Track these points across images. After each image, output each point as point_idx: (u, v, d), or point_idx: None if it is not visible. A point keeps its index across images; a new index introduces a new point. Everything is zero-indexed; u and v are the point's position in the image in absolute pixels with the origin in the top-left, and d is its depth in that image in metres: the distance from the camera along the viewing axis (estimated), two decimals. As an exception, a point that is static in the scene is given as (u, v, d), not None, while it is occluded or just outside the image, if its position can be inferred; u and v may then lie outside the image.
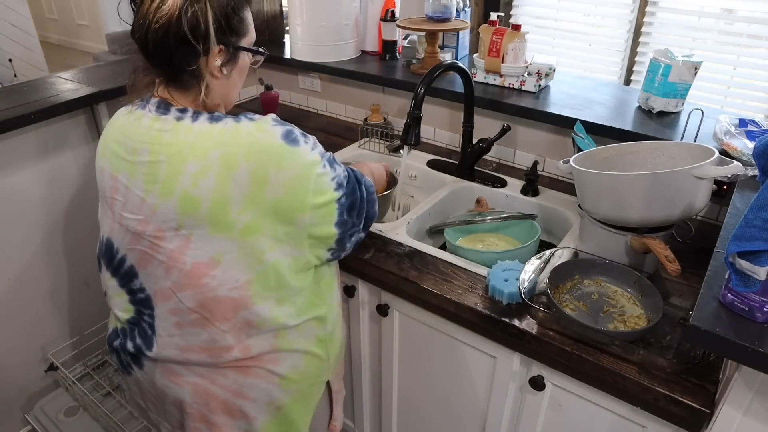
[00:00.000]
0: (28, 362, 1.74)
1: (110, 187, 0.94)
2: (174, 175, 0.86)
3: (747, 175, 1.09)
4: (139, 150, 0.89)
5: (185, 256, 0.89)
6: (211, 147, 0.86)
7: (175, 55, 0.85)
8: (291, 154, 0.88)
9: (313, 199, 0.90)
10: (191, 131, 0.87)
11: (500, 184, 1.54)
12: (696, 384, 0.91)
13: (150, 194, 0.89)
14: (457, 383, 1.27)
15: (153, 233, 0.90)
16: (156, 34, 0.84)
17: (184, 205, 0.86)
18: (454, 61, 1.41)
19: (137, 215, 0.91)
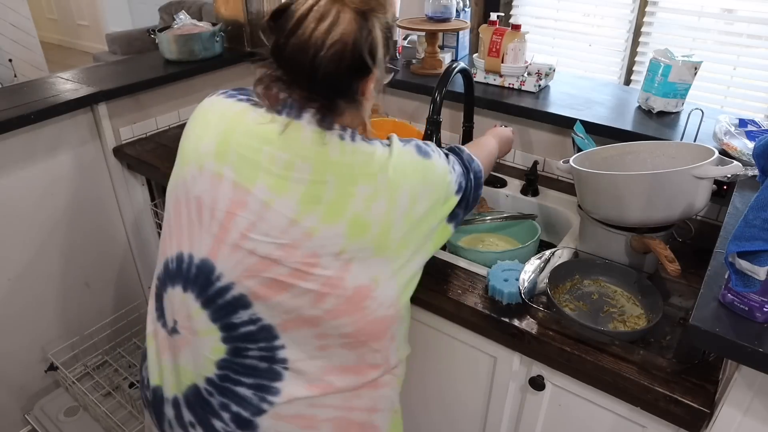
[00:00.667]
0: (28, 362, 1.74)
1: (231, 199, 0.79)
2: (344, 197, 0.78)
3: (747, 175, 1.09)
4: (298, 166, 0.78)
5: (345, 282, 0.80)
6: (378, 170, 0.80)
7: (345, 81, 0.79)
8: (431, 166, 0.86)
9: (443, 211, 0.89)
10: (356, 152, 0.80)
11: (500, 184, 1.54)
12: (696, 384, 0.91)
13: (307, 216, 0.77)
14: (457, 383, 1.27)
15: (301, 259, 0.78)
16: (329, 61, 0.75)
17: (353, 228, 0.78)
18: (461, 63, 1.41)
19: (278, 239, 0.78)
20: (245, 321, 0.82)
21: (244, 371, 0.84)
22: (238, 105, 0.83)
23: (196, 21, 1.95)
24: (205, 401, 0.85)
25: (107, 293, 1.87)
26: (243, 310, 0.81)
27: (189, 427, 0.87)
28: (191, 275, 0.83)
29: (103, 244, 1.78)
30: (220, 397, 0.84)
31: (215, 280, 0.81)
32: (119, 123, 1.71)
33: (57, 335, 1.79)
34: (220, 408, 0.84)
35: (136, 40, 4.37)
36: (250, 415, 0.84)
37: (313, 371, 0.85)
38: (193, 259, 0.83)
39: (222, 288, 0.81)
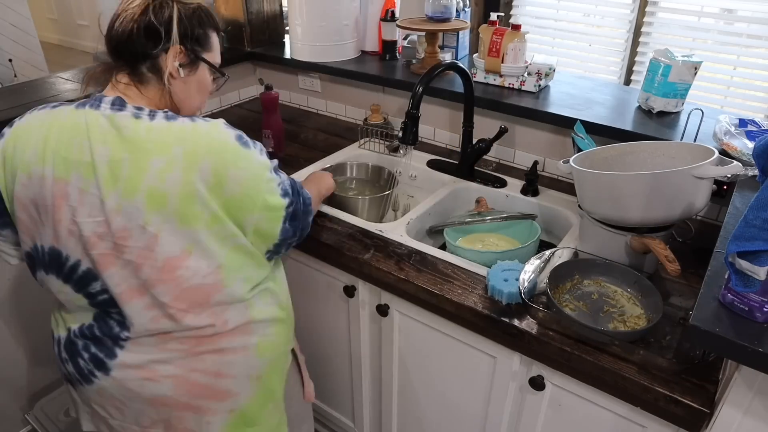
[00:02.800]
0: (28, 362, 1.74)
1: (54, 193, 0.90)
2: (138, 172, 0.87)
3: (747, 175, 1.09)
4: (98, 150, 0.87)
5: (155, 253, 0.90)
6: (173, 143, 0.88)
7: (137, 42, 0.91)
8: (245, 154, 0.93)
9: (263, 200, 0.96)
10: (151, 129, 0.89)
11: (500, 184, 1.54)
12: (696, 384, 0.91)
13: (111, 194, 0.87)
14: (457, 383, 1.27)
15: (116, 233, 0.89)
16: (123, 21, 0.91)
17: (150, 201, 0.87)
18: (453, 61, 1.41)
19: (96, 217, 0.89)
20: (99, 291, 0.94)
21: (105, 329, 0.97)
22: (52, 112, 0.94)
23: (196, 21, 1.94)
24: (72, 341, 1.00)
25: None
26: (94, 281, 0.94)
27: (64, 362, 1.03)
28: (46, 261, 0.96)
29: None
30: (83, 340, 0.99)
31: (65, 260, 0.94)
32: (119, 123, 1.70)
33: (57, 335, 1.79)
34: (82, 348, 0.99)
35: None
36: (105, 357, 0.98)
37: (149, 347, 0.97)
38: (44, 248, 0.95)
39: (72, 265, 0.94)
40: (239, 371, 1.03)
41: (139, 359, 0.97)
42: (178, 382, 0.99)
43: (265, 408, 1.12)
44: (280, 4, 2.12)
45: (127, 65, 0.94)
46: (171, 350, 0.97)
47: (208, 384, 1.01)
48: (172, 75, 0.94)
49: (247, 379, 1.05)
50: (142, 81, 0.94)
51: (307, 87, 2.06)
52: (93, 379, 0.99)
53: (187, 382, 0.99)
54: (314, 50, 1.89)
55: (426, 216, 1.45)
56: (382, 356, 1.39)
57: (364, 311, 1.36)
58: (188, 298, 0.94)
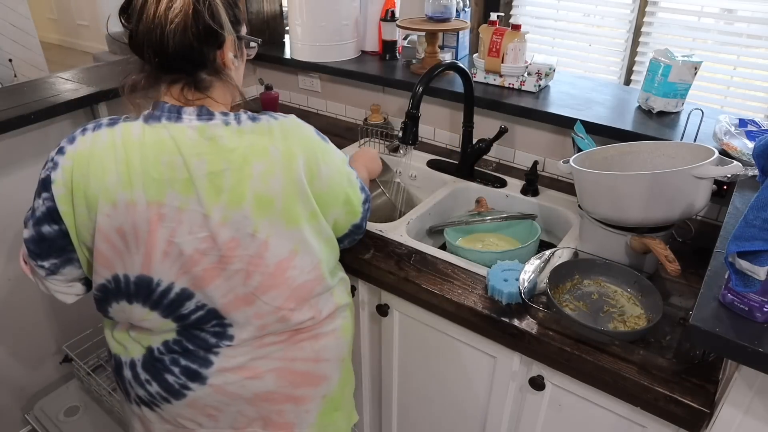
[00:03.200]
0: (27, 362, 1.74)
1: (149, 218, 0.83)
2: (242, 180, 0.84)
3: (747, 175, 1.09)
4: (195, 164, 0.83)
5: (265, 259, 0.88)
6: (269, 144, 0.86)
7: (197, 50, 0.83)
8: (328, 149, 0.95)
9: (347, 195, 0.98)
10: (243, 133, 0.85)
11: (500, 184, 1.54)
12: (696, 384, 0.91)
13: (215, 208, 0.84)
14: (457, 383, 1.27)
15: (223, 246, 0.85)
16: (175, 33, 0.80)
17: (258, 207, 0.85)
18: (453, 61, 1.41)
19: (197, 234, 0.84)
20: (193, 309, 0.90)
21: (196, 341, 0.94)
22: (115, 131, 0.85)
23: (196, 21, 1.94)
24: (157, 359, 0.95)
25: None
26: (188, 301, 0.90)
27: (145, 384, 0.96)
28: (131, 291, 0.90)
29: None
30: (170, 355, 0.94)
31: (155, 287, 0.89)
32: (119, 123, 1.71)
33: (56, 335, 1.79)
34: (171, 363, 0.94)
35: None
36: (199, 367, 0.94)
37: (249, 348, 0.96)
38: (129, 278, 0.89)
39: (164, 291, 0.89)
40: (332, 354, 1.06)
41: (239, 361, 0.95)
42: (280, 374, 0.99)
43: (346, 390, 1.15)
44: (280, 4, 2.12)
45: (186, 75, 0.85)
46: (270, 344, 0.97)
47: (309, 371, 1.02)
48: (230, 68, 0.89)
49: (338, 361, 1.08)
50: (208, 87, 0.87)
51: (307, 87, 2.06)
52: (186, 392, 0.94)
53: (291, 372, 1.00)
54: (314, 50, 1.89)
55: (426, 216, 1.45)
56: (382, 356, 1.39)
57: (364, 311, 1.36)
58: (296, 297, 0.95)
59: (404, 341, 1.32)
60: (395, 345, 1.34)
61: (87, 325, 1.85)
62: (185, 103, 0.86)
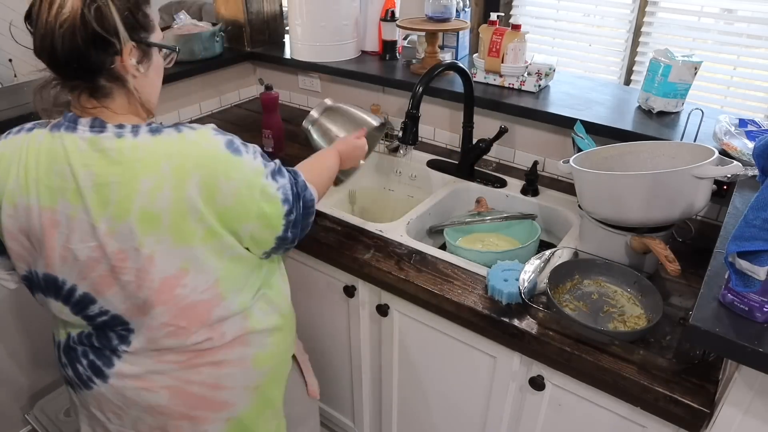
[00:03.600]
0: (27, 362, 1.74)
1: (43, 224, 0.86)
2: (128, 194, 0.83)
3: (747, 175, 1.09)
4: (83, 175, 0.83)
5: (150, 274, 0.87)
6: (160, 159, 0.84)
7: (88, 56, 0.81)
8: (236, 162, 0.88)
9: (260, 208, 0.91)
10: (137, 146, 0.84)
11: (500, 184, 1.54)
12: (696, 384, 0.91)
13: (102, 218, 0.84)
14: (457, 383, 1.27)
15: (112, 256, 0.86)
16: (63, 39, 0.79)
17: (143, 223, 0.84)
18: (453, 61, 1.41)
19: (88, 243, 0.86)
20: (98, 313, 0.92)
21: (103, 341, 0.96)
22: (26, 137, 0.88)
23: (196, 21, 1.95)
24: (71, 347, 0.99)
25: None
26: (92, 304, 0.91)
27: (64, 367, 1.02)
28: (42, 285, 0.93)
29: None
30: (81, 347, 0.98)
31: (62, 284, 0.91)
32: (119, 123, 1.70)
33: (57, 335, 1.79)
34: (81, 354, 0.98)
35: None
36: (102, 365, 0.96)
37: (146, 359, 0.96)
38: (38, 274, 0.92)
39: (69, 289, 0.91)
40: (236, 383, 1.02)
41: (136, 370, 0.96)
42: (174, 393, 0.98)
43: (263, 415, 1.10)
44: (280, 4, 2.12)
45: (84, 82, 0.85)
46: (168, 362, 0.96)
47: (205, 396, 1.00)
48: (134, 75, 0.87)
49: (244, 390, 1.04)
50: (107, 95, 0.86)
51: (307, 87, 2.06)
52: (91, 384, 0.98)
53: (184, 392, 0.98)
54: (314, 50, 1.89)
55: (426, 216, 1.45)
56: (382, 356, 1.39)
57: (364, 311, 1.36)
58: (187, 316, 0.92)
59: (404, 341, 1.32)
60: (395, 345, 1.34)
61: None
62: (82, 111, 0.86)
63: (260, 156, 0.94)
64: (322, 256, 1.37)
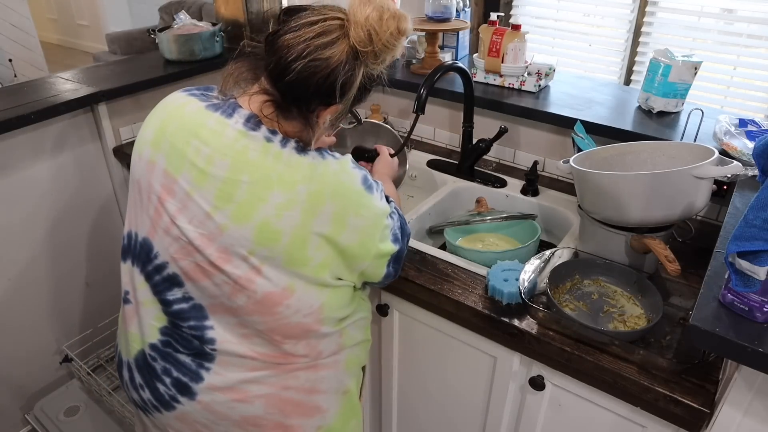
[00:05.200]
0: (27, 362, 1.74)
1: (162, 185, 0.85)
2: (254, 200, 0.81)
3: (747, 175, 1.09)
4: (217, 161, 0.82)
5: (255, 285, 0.85)
6: (299, 180, 0.82)
7: (307, 94, 0.82)
8: (368, 201, 0.88)
9: (377, 249, 0.91)
10: (280, 158, 0.82)
11: (500, 184, 1.54)
12: (696, 384, 0.91)
13: (219, 212, 0.82)
14: (457, 383, 1.27)
15: (215, 253, 0.83)
16: (305, 69, 0.79)
17: (261, 234, 0.82)
18: (454, 62, 1.41)
19: (198, 228, 0.83)
20: (179, 298, 0.89)
21: (183, 342, 0.91)
22: (184, 99, 0.89)
23: (196, 21, 1.95)
24: (150, 366, 0.93)
25: (108, 292, 1.87)
26: (177, 287, 0.89)
27: (139, 389, 0.96)
28: (136, 251, 0.91)
29: (104, 244, 1.78)
30: (162, 363, 0.92)
31: (153, 257, 0.89)
32: (119, 123, 1.71)
33: (56, 335, 1.79)
34: (162, 372, 0.92)
35: (136, 40, 4.37)
36: (189, 381, 0.91)
37: (240, 352, 0.90)
38: (138, 237, 0.90)
39: (159, 265, 0.89)
40: (330, 386, 1.00)
41: (228, 380, 0.91)
42: (270, 401, 0.93)
43: (348, 424, 1.07)
44: (280, 4, 2.12)
45: (281, 96, 0.84)
46: (262, 368, 0.92)
47: (301, 401, 0.96)
48: (319, 125, 0.87)
49: (336, 394, 1.01)
50: (287, 116, 0.85)
51: (307, 87, 2.05)
52: (175, 405, 0.92)
53: (281, 400, 0.94)
54: (314, 50, 1.88)
55: (426, 216, 1.45)
56: (382, 356, 1.39)
57: (364, 311, 1.36)
58: (286, 333, 0.90)
59: (404, 341, 1.32)
60: (395, 345, 1.34)
61: (87, 326, 1.85)
62: (256, 111, 0.85)
63: (383, 193, 0.93)
64: (322, 256, 1.37)
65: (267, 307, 0.86)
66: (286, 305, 0.87)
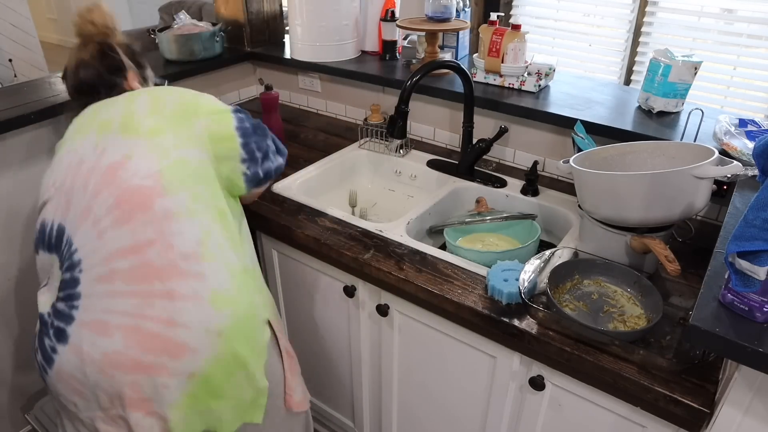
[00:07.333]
0: (27, 362, 1.74)
1: None
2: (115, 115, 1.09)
3: (747, 175, 1.09)
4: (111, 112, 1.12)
5: (101, 163, 1.00)
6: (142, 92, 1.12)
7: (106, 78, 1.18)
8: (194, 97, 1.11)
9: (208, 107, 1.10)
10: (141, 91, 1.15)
11: (500, 184, 1.54)
12: (696, 384, 0.91)
13: None
14: (457, 383, 1.27)
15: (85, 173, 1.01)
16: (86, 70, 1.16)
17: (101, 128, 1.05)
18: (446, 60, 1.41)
19: None
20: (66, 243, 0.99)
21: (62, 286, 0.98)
22: None
23: (196, 21, 1.95)
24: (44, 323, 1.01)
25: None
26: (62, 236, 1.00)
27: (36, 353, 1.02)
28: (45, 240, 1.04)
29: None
30: (51, 318, 1.00)
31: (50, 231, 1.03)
32: (119, 123, 1.70)
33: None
34: (50, 327, 0.99)
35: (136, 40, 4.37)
36: (65, 325, 0.96)
37: (99, 260, 0.95)
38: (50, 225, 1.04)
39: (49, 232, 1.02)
40: (193, 320, 0.94)
41: (93, 315, 0.93)
42: (128, 333, 0.92)
43: (233, 377, 0.98)
44: (280, 4, 2.12)
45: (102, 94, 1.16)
46: (122, 295, 0.93)
47: (160, 333, 0.92)
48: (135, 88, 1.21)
49: (204, 332, 0.94)
50: None
51: (307, 87, 2.06)
52: (54, 356, 0.96)
53: (138, 331, 0.92)
54: (314, 50, 1.89)
55: (426, 216, 1.45)
56: (382, 356, 1.39)
57: (364, 311, 1.36)
58: (129, 199, 0.97)
59: (404, 341, 1.32)
60: (395, 345, 1.34)
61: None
62: None
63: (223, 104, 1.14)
64: (322, 256, 1.37)
65: (109, 176, 0.98)
66: (124, 168, 0.98)
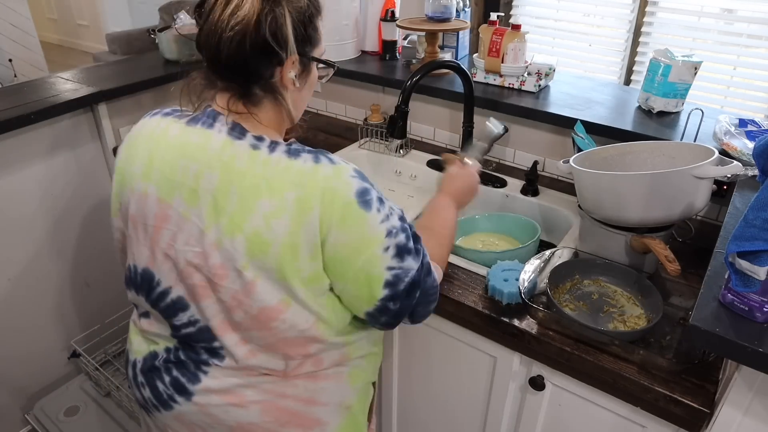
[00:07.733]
0: (28, 362, 1.74)
1: (156, 214, 0.84)
2: (243, 211, 0.78)
3: (747, 175, 1.09)
4: (206, 176, 0.80)
5: (251, 300, 0.82)
6: (288, 186, 0.77)
7: (251, 63, 0.78)
8: (359, 216, 0.79)
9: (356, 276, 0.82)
10: (268, 164, 0.79)
11: (500, 184, 1.54)
12: (696, 384, 0.91)
13: (213, 227, 0.80)
14: (457, 383, 1.27)
15: (213, 269, 0.81)
16: (231, 42, 0.75)
17: (251, 245, 0.78)
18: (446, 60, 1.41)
19: (194, 247, 0.82)
20: (185, 323, 0.88)
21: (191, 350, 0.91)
22: (162, 122, 0.87)
23: (196, 21, 1.94)
24: (154, 366, 0.94)
25: (108, 293, 1.87)
26: (182, 312, 0.88)
27: (141, 387, 0.96)
28: (138, 282, 0.91)
29: (104, 243, 1.78)
30: (165, 363, 0.93)
31: (156, 285, 0.89)
32: (119, 123, 1.71)
33: (56, 335, 1.79)
34: (164, 371, 0.92)
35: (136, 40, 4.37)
36: (187, 382, 0.90)
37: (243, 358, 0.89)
38: (137, 269, 0.90)
39: (162, 292, 0.88)
40: (331, 399, 0.96)
41: (225, 383, 0.89)
42: (266, 408, 0.91)
43: None
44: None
45: (238, 86, 0.82)
46: (261, 374, 0.90)
47: (299, 411, 0.93)
48: (287, 88, 0.83)
49: (338, 407, 0.97)
50: (256, 104, 0.83)
51: (307, 87, 2.06)
52: (172, 404, 0.92)
53: (277, 408, 0.91)
54: (314, 50, 1.89)
55: (426, 216, 1.45)
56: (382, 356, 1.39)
57: (364, 311, 1.36)
58: (284, 347, 0.87)
59: (404, 341, 1.32)
60: (395, 345, 1.34)
61: (87, 326, 1.85)
62: (227, 114, 0.83)
63: (393, 219, 0.83)
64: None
65: (263, 322, 0.84)
66: (281, 320, 0.83)
